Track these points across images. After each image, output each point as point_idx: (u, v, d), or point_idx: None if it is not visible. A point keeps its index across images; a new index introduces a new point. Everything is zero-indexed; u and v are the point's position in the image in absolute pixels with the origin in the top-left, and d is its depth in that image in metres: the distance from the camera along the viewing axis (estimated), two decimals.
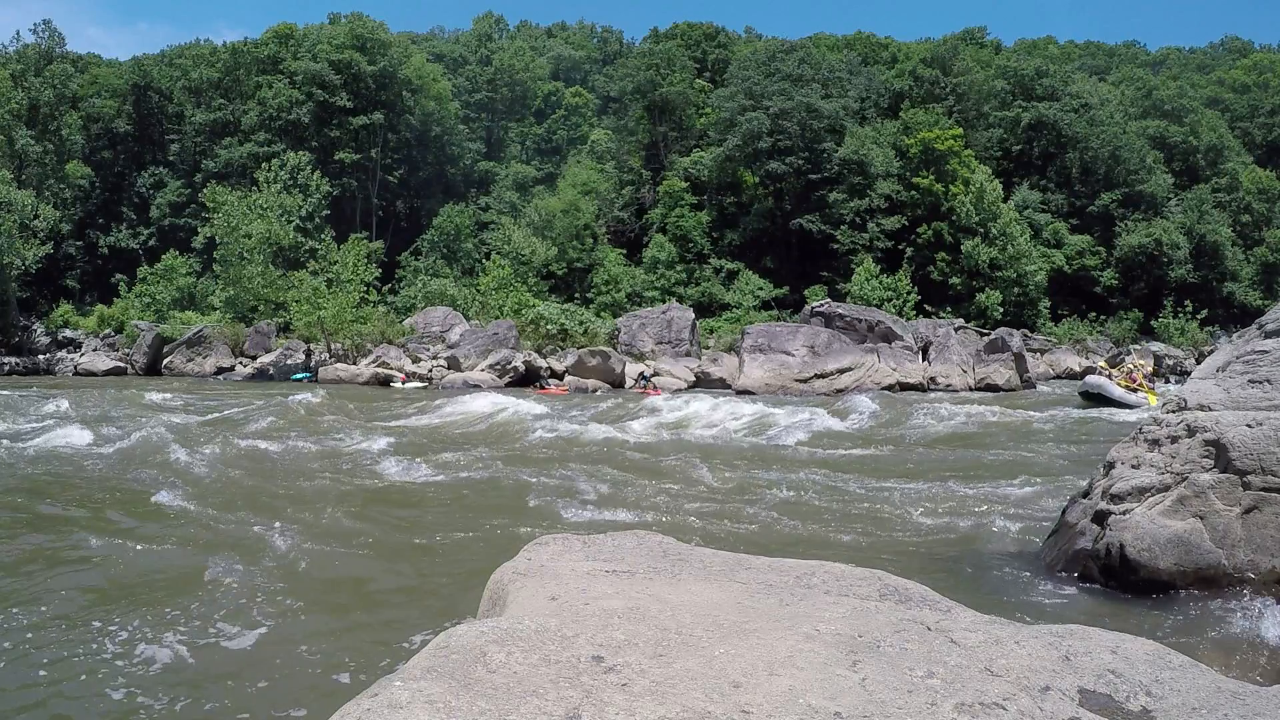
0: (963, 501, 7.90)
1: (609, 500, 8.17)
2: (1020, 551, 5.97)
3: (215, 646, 4.25)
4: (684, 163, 53.65)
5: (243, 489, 8.52)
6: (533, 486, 8.76)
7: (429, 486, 8.86)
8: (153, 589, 5.19)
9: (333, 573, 5.62)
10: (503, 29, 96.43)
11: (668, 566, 3.11)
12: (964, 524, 6.97)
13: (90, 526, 6.74)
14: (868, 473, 9.64)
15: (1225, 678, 2.27)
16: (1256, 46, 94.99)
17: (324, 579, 5.44)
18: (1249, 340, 5.54)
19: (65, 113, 51.47)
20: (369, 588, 5.28)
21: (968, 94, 55.35)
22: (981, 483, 8.86)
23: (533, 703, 1.86)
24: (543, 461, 10.52)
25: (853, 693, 1.96)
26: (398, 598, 5.15)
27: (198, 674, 3.97)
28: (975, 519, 7.17)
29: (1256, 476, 4.57)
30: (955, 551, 6.09)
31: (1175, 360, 40.71)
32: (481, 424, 15.17)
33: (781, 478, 9.17)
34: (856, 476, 9.36)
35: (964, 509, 7.56)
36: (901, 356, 27.22)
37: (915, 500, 7.96)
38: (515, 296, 39.13)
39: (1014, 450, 11.73)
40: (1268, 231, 56.10)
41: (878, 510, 7.55)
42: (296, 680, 3.91)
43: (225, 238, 41.19)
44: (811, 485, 8.76)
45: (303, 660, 4.11)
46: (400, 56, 58.11)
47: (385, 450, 11.48)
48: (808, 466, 10.10)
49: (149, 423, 13.32)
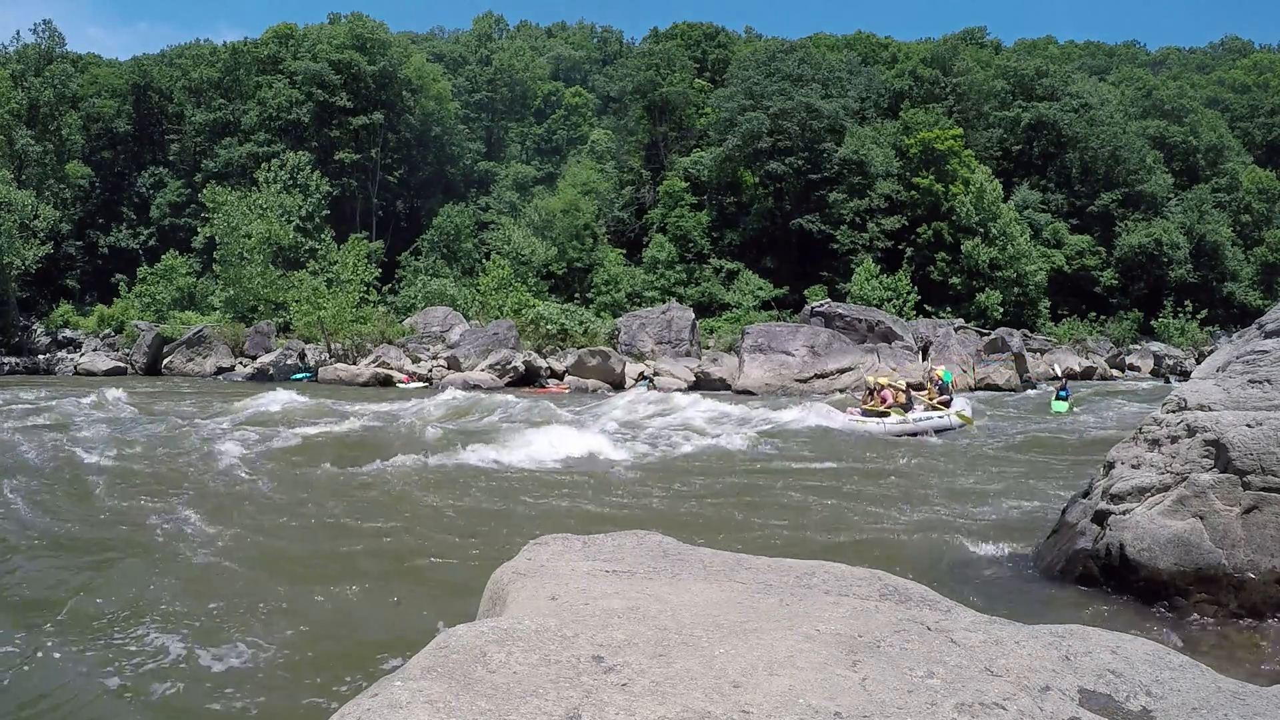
0: (962, 501, 7.89)
1: (609, 500, 8.17)
2: (1020, 551, 5.97)
3: (213, 647, 4.24)
4: (684, 163, 53.64)
5: (241, 488, 8.51)
6: (533, 486, 8.76)
7: (429, 486, 8.86)
8: (160, 590, 5.19)
9: (332, 572, 5.62)
10: (503, 29, 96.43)
11: (667, 566, 3.11)
12: (964, 524, 6.97)
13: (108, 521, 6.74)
14: (868, 473, 9.64)
15: (1225, 678, 2.27)
16: (1256, 46, 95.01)
17: (323, 579, 5.44)
18: (1249, 340, 5.54)
19: (65, 113, 51.46)
20: (368, 588, 5.28)
21: (968, 94, 55.35)
22: (981, 482, 8.86)
23: (533, 703, 1.86)
24: (542, 461, 10.51)
25: (853, 693, 1.96)
26: (396, 597, 5.15)
27: (196, 675, 3.97)
28: (975, 519, 7.17)
29: (1256, 476, 4.57)
30: (955, 552, 6.08)
31: (1175, 360, 40.70)
32: (480, 423, 15.16)
33: (781, 478, 9.17)
34: (856, 477, 9.35)
35: (963, 509, 7.56)
36: (901, 356, 27.22)
37: (915, 500, 7.96)
38: (515, 296, 39.13)
39: (1014, 450, 11.73)
40: (1268, 231, 56.11)
41: (878, 510, 7.54)
42: (296, 680, 3.91)
43: (225, 238, 41.18)
44: (811, 485, 8.76)
45: (302, 660, 4.11)
46: (400, 56, 58.11)
47: (383, 450, 11.48)
48: (807, 467, 10.10)
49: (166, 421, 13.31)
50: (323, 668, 4.04)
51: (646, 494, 8.43)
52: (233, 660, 4.11)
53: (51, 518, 7.12)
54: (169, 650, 4.20)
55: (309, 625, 4.58)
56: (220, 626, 4.51)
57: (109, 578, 5.44)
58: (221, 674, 3.97)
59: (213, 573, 5.46)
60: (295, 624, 4.58)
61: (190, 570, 5.55)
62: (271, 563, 5.69)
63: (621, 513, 7.57)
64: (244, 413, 15.92)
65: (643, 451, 11.45)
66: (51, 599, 5.04)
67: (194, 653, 4.17)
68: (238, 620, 4.59)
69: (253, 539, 6.39)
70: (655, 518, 7.22)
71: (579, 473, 9.66)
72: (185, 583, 5.28)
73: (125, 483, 8.71)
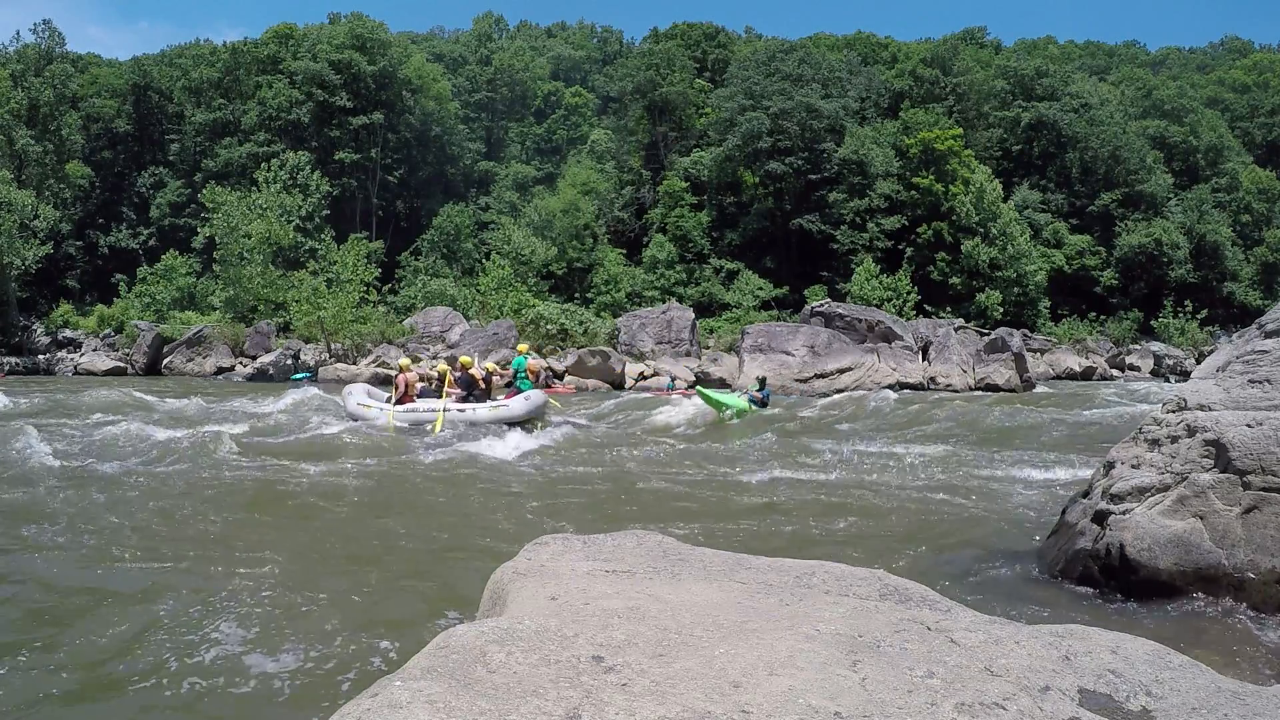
0: (962, 501, 7.89)
1: (609, 500, 8.17)
2: (1020, 551, 5.97)
3: (210, 648, 4.24)
4: (684, 163, 53.65)
5: (237, 487, 8.51)
6: (533, 486, 8.76)
7: (428, 486, 8.86)
8: (154, 590, 5.19)
9: (331, 572, 5.62)
10: (503, 29, 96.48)
11: (668, 566, 3.11)
12: (964, 524, 6.97)
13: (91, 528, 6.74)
14: (867, 473, 9.64)
15: (1225, 678, 2.27)
16: (1256, 46, 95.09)
17: (322, 578, 5.44)
18: (1249, 340, 5.54)
19: (65, 113, 51.49)
20: (368, 587, 5.28)
21: (968, 94, 55.37)
22: (981, 482, 8.86)
23: (533, 703, 1.86)
24: (542, 461, 10.52)
25: (853, 693, 1.96)
26: (397, 597, 5.15)
27: (194, 676, 3.97)
28: (975, 519, 7.17)
29: (1256, 476, 4.57)
30: (955, 551, 6.08)
31: (1175, 360, 40.71)
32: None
33: (781, 478, 9.17)
34: (856, 476, 9.35)
35: (963, 509, 7.56)
36: (901, 356, 27.23)
37: (915, 500, 7.96)
38: (515, 296, 39.14)
39: (1013, 450, 11.73)
40: (1268, 231, 56.14)
41: (878, 510, 7.54)
42: (295, 681, 3.91)
43: (225, 238, 41.18)
44: (811, 485, 8.76)
45: (301, 661, 4.11)
46: (400, 56, 58.15)
47: (380, 449, 11.49)
48: (807, 466, 10.10)
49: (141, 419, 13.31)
50: (322, 667, 4.04)
51: (646, 494, 8.43)
52: (228, 660, 4.11)
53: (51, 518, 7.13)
54: (167, 650, 4.20)
55: (308, 625, 4.57)
56: (216, 626, 4.51)
57: (102, 579, 5.44)
58: (218, 674, 3.96)
59: (207, 572, 5.46)
60: (294, 624, 4.58)
61: (186, 569, 5.55)
62: (269, 562, 5.69)
63: (621, 513, 7.56)
64: (244, 414, 15.92)
65: (642, 451, 11.45)
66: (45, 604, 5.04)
67: (190, 652, 4.17)
68: (234, 620, 4.59)
69: (249, 539, 6.39)
70: (655, 518, 7.22)
71: (579, 473, 9.66)
72: (181, 582, 5.28)
73: (124, 483, 8.71)
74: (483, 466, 10.06)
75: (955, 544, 6.29)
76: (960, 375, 27.48)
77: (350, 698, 1.93)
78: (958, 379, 27.25)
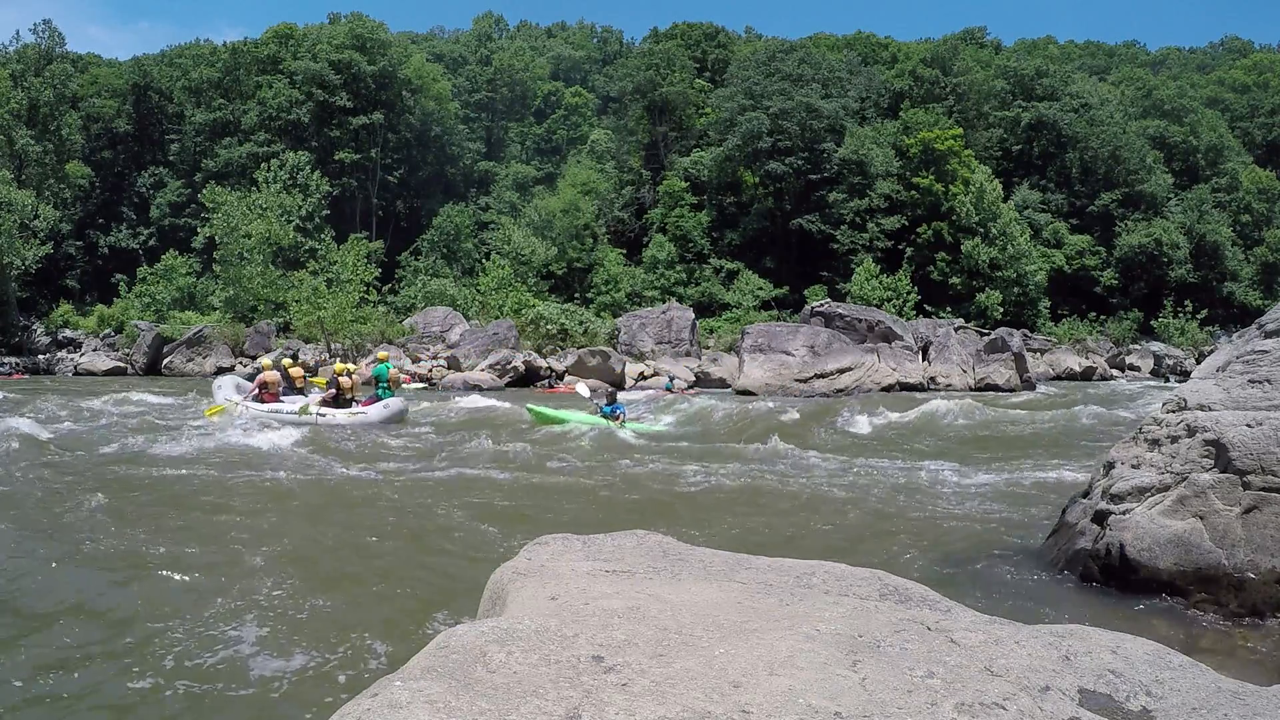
0: (962, 501, 7.89)
1: (609, 500, 8.17)
2: (1020, 551, 5.97)
3: (210, 649, 4.24)
4: (684, 163, 53.67)
5: (235, 488, 8.51)
6: (532, 486, 8.76)
7: (426, 486, 8.86)
8: (154, 591, 5.19)
9: (330, 572, 5.62)
10: (503, 29, 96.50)
11: (668, 566, 3.11)
12: (963, 524, 6.97)
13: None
14: (866, 472, 9.64)
15: (1225, 678, 2.27)
16: (1256, 46, 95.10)
17: (321, 578, 5.44)
18: (1249, 340, 5.54)
19: (65, 113, 51.52)
20: (367, 587, 5.28)
21: (968, 94, 55.38)
22: (981, 482, 8.86)
23: (533, 703, 1.86)
24: (542, 461, 10.51)
25: (853, 692, 1.96)
26: (396, 597, 5.15)
27: (194, 676, 3.97)
28: (975, 519, 7.17)
29: (1256, 476, 4.56)
30: (955, 551, 6.08)
31: (1175, 360, 40.70)
32: (480, 422, 15.15)
33: (781, 477, 9.17)
34: (855, 476, 9.35)
35: (963, 509, 7.56)
36: (901, 356, 27.22)
37: (914, 500, 7.95)
38: (515, 296, 39.16)
39: (1013, 450, 11.73)
40: (1268, 231, 56.15)
41: (878, 510, 7.54)
42: (295, 681, 3.91)
43: (225, 238, 41.21)
44: (811, 485, 8.76)
45: (301, 661, 4.11)
46: (400, 56, 58.17)
47: (378, 449, 11.49)
48: (806, 466, 10.10)
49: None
50: (322, 667, 4.04)
51: (646, 494, 8.43)
52: (228, 660, 4.11)
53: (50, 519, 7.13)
54: (167, 651, 4.20)
55: (308, 625, 4.58)
56: (216, 626, 4.51)
57: (101, 579, 5.44)
58: (218, 674, 3.96)
59: (207, 573, 5.46)
60: (294, 624, 4.58)
61: (186, 570, 5.55)
62: (268, 562, 5.69)
63: (621, 513, 7.56)
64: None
65: (642, 451, 11.45)
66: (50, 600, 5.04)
67: (189, 652, 4.17)
68: (234, 620, 4.59)
69: (248, 539, 6.38)
70: (655, 518, 7.22)
71: (579, 473, 9.66)
72: (180, 583, 5.28)
73: (123, 484, 8.71)
74: (482, 467, 10.06)
75: (955, 544, 6.29)
76: (960, 375, 27.49)
77: (350, 698, 1.93)
78: (957, 379, 27.26)
